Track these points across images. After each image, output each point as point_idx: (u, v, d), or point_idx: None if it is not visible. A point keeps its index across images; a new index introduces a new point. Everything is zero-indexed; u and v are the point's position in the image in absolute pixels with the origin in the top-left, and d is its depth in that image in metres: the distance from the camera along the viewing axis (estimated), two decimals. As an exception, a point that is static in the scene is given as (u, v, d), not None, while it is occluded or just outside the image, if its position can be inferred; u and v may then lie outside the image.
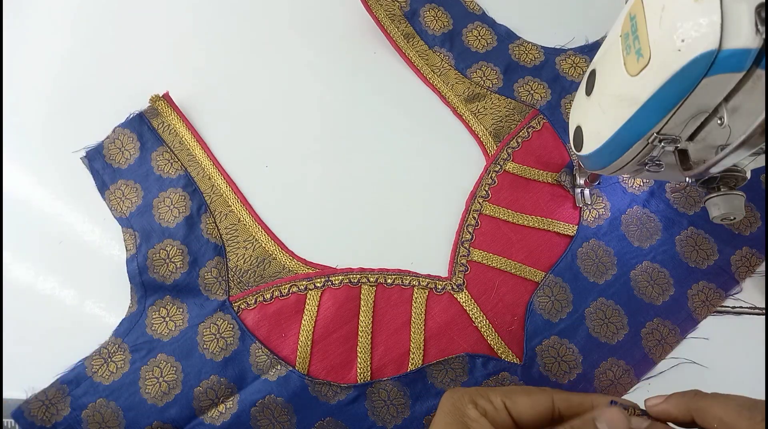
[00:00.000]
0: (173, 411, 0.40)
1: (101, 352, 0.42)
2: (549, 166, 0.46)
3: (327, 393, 0.40)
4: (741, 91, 0.26)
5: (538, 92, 0.48)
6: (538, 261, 0.43)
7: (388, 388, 0.40)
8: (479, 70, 0.49)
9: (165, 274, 0.43)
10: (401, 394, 0.40)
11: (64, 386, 0.41)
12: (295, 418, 0.40)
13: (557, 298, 0.42)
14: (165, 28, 0.53)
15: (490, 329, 0.41)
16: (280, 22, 0.52)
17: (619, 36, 0.31)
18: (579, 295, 0.42)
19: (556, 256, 0.43)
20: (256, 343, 0.41)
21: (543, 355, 0.41)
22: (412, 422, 0.40)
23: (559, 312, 0.42)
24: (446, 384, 0.40)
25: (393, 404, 0.40)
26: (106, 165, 0.47)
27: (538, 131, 0.47)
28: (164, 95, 0.49)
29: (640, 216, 0.44)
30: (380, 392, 0.40)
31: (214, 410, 0.40)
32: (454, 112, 0.48)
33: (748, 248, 0.43)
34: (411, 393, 0.40)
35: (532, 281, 0.43)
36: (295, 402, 0.40)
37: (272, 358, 0.41)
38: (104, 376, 0.41)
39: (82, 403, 0.40)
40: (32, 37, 0.53)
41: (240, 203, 0.46)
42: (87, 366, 0.41)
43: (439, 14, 0.51)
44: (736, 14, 0.24)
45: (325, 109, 0.49)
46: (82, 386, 0.41)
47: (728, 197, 0.31)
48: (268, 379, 0.40)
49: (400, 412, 0.40)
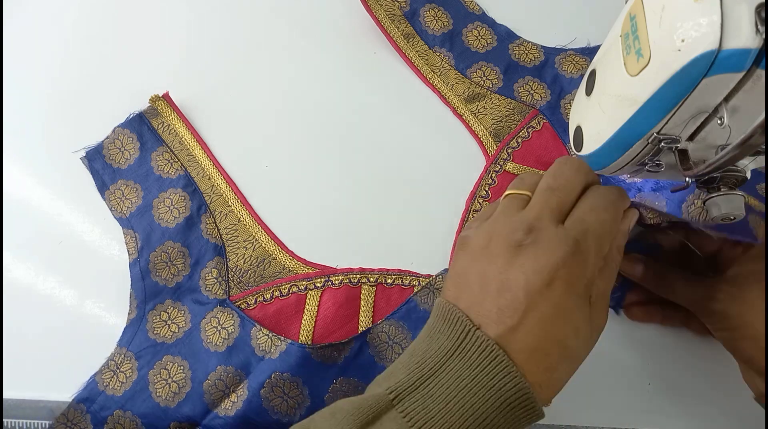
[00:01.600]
0: (186, 409, 0.40)
1: (109, 365, 0.42)
2: (549, 166, 0.45)
3: (331, 354, 0.40)
4: (741, 91, 0.26)
5: (538, 92, 0.48)
6: None
7: (386, 329, 0.41)
8: (479, 70, 0.49)
9: (167, 276, 0.43)
10: (400, 329, 0.41)
11: (81, 405, 0.41)
12: (306, 389, 0.39)
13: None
14: (165, 27, 0.53)
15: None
16: (280, 23, 0.53)
17: (619, 36, 0.31)
18: None
19: None
20: (256, 326, 0.41)
21: None
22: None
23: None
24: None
25: (395, 342, 0.40)
26: (106, 165, 0.47)
27: (538, 131, 0.47)
28: (164, 95, 0.49)
29: (646, 197, 0.44)
30: (380, 335, 0.40)
31: (226, 401, 0.40)
32: (454, 112, 0.48)
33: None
34: (409, 325, 0.41)
35: None
36: (302, 373, 0.39)
37: (272, 336, 0.41)
38: (116, 388, 0.41)
39: (101, 417, 0.40)
40: (32, 37, 0.53)
41: (240, 203, 0.46)
42: (98, 381, 0.41)
43: (439, 14, 0.51)
44: (736, 14, 0.24)
45: (326, 109, 0.49)
46: (97, 402, 0.41)
47: (728, 197, 0.31)
48: (271, 358, 0.40)
49: (404, 347, 0.40)
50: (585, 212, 0.31)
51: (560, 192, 0.31)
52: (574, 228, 0.30)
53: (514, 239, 0.29)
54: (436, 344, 0.29)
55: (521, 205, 0.32)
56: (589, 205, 0.31)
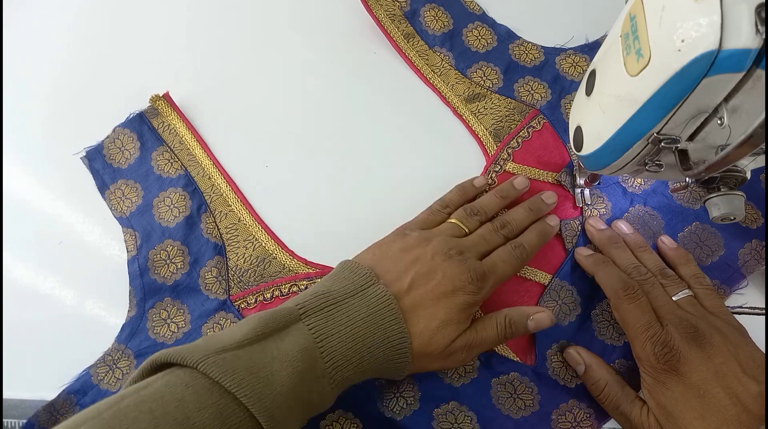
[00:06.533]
0: None
1: (105, 360, 0.42)
2: (549, 166, 0.46)
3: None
4: (741, 92, 0.26)
5: (539, 92, 0.48)
6: (539, 262, 0.43)
7: (397, 381, 0.40)
8: (479, 70, 0.49)
9: (166, 274, 0.43)
10: (410, 387, 0.40)
11: (71, 396, 0.41)
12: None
13: (564, 302, 0.42)
14: (165, 27, 0.53)
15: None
16: (280, 23, 0.52)
17: (619, 36, 0.31)
18: (585, 297, 0.42)
19: (558, 256, 0.43)
20: None
21: (552, 359, 0.41)
22: (421, 415, 0.39)
23: (568, 315, 0.42)
24: (455, 379, 0.40)
25: (402, 396, 0.40)
26: (106, 165, 0.47)
27: (539, 131, 0.47)
28: (164, 95, 0.49)
29: (642, 214, 0.44)
30: (389, 384, 0.40)
31: None
32: (455, 112, 0.48)
33: (758, 241, 0.43)
34: (420, 386, 0.40)
35: (534, 282, 0.43)
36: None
37: None
38: (111, 383, 0.41)
39: None
40: (32, 38, 0.53)
41: (240, 203, 0.46)
42: (92, 374, 0.41)
43: (439, 14, 0.51)
44: (736, 14, 0.24)
45: (326, 109, 0.49)
46: (89, 395, 0.41)
47: (728, 197, 0.31)
48: None
49: (410, 404, 0.39)
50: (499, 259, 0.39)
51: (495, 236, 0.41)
52: (486, 265, 0.38)
53: (446, 251, 0.37)
54: (339, 285, 0.36)
55: (462, 234, 0.40)
56: (500, 257, 0.39)
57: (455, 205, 0.43)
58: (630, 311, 0.37)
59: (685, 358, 0.34)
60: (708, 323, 0.36)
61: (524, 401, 0.39)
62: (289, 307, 0.34)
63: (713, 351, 0.34)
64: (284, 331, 0.33)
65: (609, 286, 0.39)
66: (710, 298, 0.39)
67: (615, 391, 0.38)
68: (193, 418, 0.28)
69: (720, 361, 0.34)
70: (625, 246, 0.42)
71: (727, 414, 0.33)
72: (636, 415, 0.36)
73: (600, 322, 0.41)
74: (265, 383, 0.30)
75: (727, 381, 0.33)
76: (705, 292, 0.39)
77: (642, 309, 0.37)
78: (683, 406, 0.34)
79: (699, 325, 0.36)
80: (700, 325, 0.36)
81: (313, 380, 0.32)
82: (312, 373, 0.32)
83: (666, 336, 0.35)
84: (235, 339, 0.31)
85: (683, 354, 0.34)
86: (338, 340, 0.33)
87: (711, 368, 0.34)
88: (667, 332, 0.35)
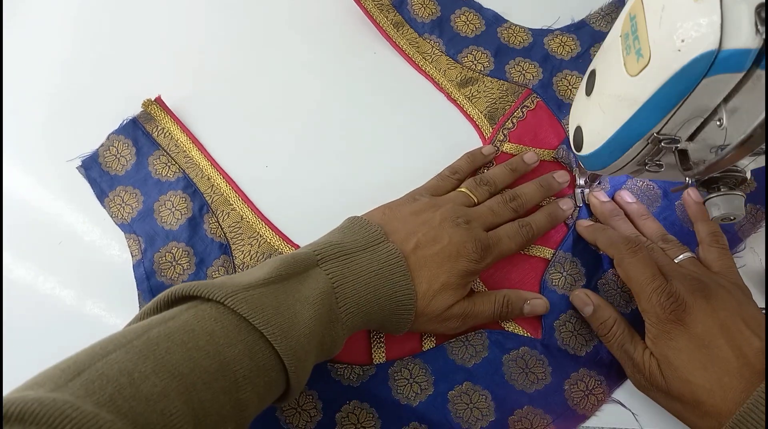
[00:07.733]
0: None
1: None
2: (546, 143, 0.46)
3: (350, 376, 0.40)
4: (741, 92, 0.26)
5: (530, 72, 0.49)
6: (542, 239, 0.44)
7: (409, 367, 0.40)
8: (470, 55, 0.50)
9: (173, 276, 0.43)
10: (423, 371, 0.40)
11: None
12: (320, 404, 0.39)
13: (569, 273, 0.43)
14: (156, 29, 0.53)
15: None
16: (275, 20, 0.52)
17: (619, 36, 0.31)
18: (590, 267, 0.43)
19: (560, 232, 0.44)
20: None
21: (561, 330, 0.41)
22: (436, 398, 0.40)
23: (573, 285, 0.42)
24: (467, 360, 0.40)
25: (416, 381, 0.40)
26: (103, 173, 0.47)
27: (533, 110, 0.47)
28: (156, 99, 0.48)
29: (639, 186, 0.45)
30: (402, 371, 0.40)
31: None
32: (448, 97, 0.49)
33: (752, 205, 0.44)
34: (433, 370, 0.40)
35: (537, 257, 0.43)
36: (318, 388, 0.40)
37: None
38: None
39: None
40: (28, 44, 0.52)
41: (241, 201, 0.46)
42: None
43: (427, 2, 0.51)
44: (736, 14, 0.24)
45: (319, 102, 0.49)
46: None
47: (728, 197, 0.31)
48: None
49: (424, 389, 0.40)
50: (505, 234, 0.40)
51: (504, 210, 0.41)
52: (491, 237, 0.39)
53: (453, 218, 0.38)
54: (350, 238, 0.37)
55: (471, 203, 0.41)
56: (506, 233, 0.40)
57: (464, 172, 0.44)
58: (633, 264, 0.37)
59: (691, 309, 0.35)
60: (713, 280, 0.37)
61: (536, 375, 0.40)
62: (306, 252, 0.34)
63: (718, 304, 0.35)
64: (303, 275, 0.33)
65: (611, 245, 0.39)
66: (723, 258, 0.39)
67: (622, 329, 0.38)
68: (225, 353, 0.28)
69: (725, 315, 0.34)
70: (625, 218, 0.43)
71: (729, 366, 0.33)
72: (639, 354, 0.37)
73: (607, 291, 0.42)
74: (290, 323, 0.31)
75: (731, 334, 0.34)
76: (720, 252, 0.40)
77: (645, 262, 0.37)
78: (686, 356, 0.34)
79: (704, 280, 0.36)
80: (705, 280, 0.36)
81: (328, 324, 0.33)
82: (328, 317, 0.33)
83: (671, 288, 0.36)
84: (259, 278, 0.32)
85: (689, 304, 0.35)
86: (353, 287, 0.34)
87: (716, 320, 0.34)
88: (672, 285, 0.36)
